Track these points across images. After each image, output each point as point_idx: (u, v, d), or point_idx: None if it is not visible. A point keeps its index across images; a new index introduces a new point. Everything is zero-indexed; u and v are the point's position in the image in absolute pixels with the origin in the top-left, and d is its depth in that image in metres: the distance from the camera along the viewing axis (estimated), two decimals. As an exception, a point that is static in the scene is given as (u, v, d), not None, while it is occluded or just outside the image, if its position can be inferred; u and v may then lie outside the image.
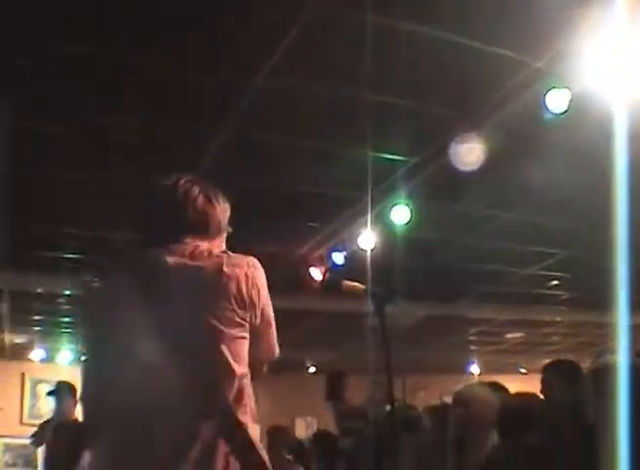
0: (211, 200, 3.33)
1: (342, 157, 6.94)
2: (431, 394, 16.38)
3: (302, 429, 16.79)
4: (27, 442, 10.11)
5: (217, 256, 3.14)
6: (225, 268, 3.04)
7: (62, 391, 9.48)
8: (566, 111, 5.69)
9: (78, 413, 9.06)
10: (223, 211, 3.38)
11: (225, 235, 3.40)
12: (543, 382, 6.05)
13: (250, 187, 7.29)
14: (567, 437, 4.38)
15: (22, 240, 8.91)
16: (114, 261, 3.14)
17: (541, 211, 8.23)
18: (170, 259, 3.09)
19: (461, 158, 6.66)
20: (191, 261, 3.08)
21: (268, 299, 3.15)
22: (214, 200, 3.34)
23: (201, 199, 3.30)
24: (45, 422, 9.70)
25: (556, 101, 5.69)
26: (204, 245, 3.21)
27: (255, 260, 3.18)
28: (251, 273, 3.10)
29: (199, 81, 5.64)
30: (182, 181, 3.34)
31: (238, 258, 3.14)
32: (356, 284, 3.65)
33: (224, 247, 3.36)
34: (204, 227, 3.28)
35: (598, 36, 5.06)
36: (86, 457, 8.78)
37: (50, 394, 9.74)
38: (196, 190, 3.32)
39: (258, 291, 3.09)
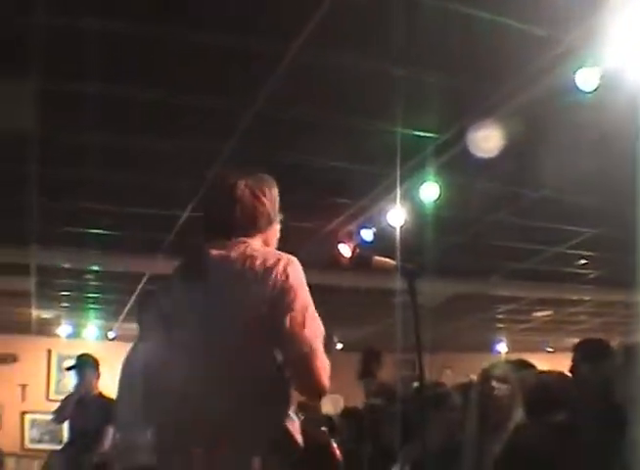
0: (259, 195, 3.41)
1: (371, 133, 6.91)
2: (458, 372, 16.36)
3: (329, 406, 16.76)
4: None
5: (253, 254, 3.20)
6: (258, 266, 3.13)
7: (83, 364, 9.27)
8: (595, 89, 5.65)
9: (101, 386, 9.11)
10: (272, 202, 3.47)
11: (277, 224, 3.51)
12: (573, 360, 6.03)
13: (279, 162, 7.29)
14: (595, 416, 4.36)
15: (48, 215, 8.98)
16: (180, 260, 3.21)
17: (570, 190, 8.18)
18: (217, 257, 3.23)
19: (490, 135, 6.63)
20: (234, 260, 3.19)
21: (302, 295, 3.15)
22: (262, 194, 3.43)
23: (248, 196, 3.39)
24: (67, 397, 9.40)
25: (586, 79, 5.64)
26: (251, 241, 3.32)
27: (293, 259, 3.23)
28: (286, 271, 3.14)
29: (230, 54, 5.63)
30: (231, 179, 3.43)
31: (274, 255, 3.22)
32: (386, 260, 3.64)
33: (277, 235, 3.51)
34: (252, 223, 3.38)
35: (628, 13, 5.02)
36: (110, 433, 8.80)
37: (71, 368, 9.47)
38: (244, 187, 3.40)
39: (292, 288, 3.12)
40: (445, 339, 15.44)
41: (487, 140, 6.69)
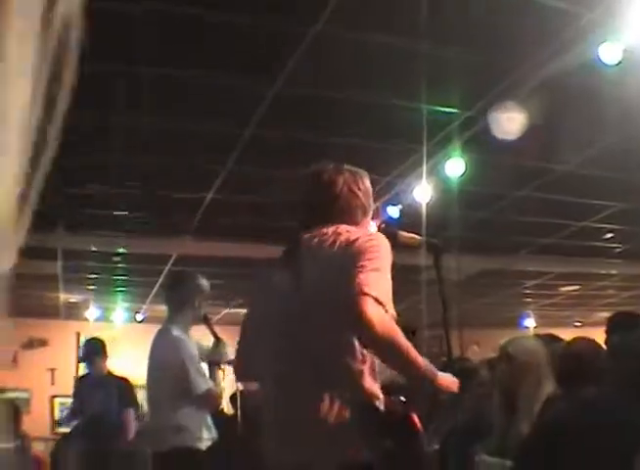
0: (355, 190, 3.54)
1: (396, 110, 6.91)
2: (484, 348, 16.36)
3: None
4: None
5: (343, 233, 3.33)
6: (345, 242, 3.27)
7: (90, 346, 9.42)
8: (618, 63, 5.64)
9: (127, 369, 9.15)
10: (366, 194, 3.60)
11: (370, 214, 3.61)
12: (607, 334, 6.03)
13: (303, 139, 7.32)
14: (628, 388, 4.35)
15: (74, 199, 9.01)
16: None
17: (596, 164, 8.15)
18: (311, 245, 3.37)
19: (514, 110, 6.62)
20: (328, 248, 3.31)
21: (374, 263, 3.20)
22: (357, 188, 3.55)
23: (346, 192, 3.52)
24: (80, 378, 9.73)
25: (609, 53, 5.63)
26: (346, 229, 3.39)
27: (377, 235, 3.38)
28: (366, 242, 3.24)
29: (254, 30, 5.64)
30: (330, 176, 3.56)
31: (360, 231, 3.36)
32: (412, 235, 3.67)
33: (369, 224, 3.62)
34: (350, 216, 3.50)
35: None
36: (132, 416, 8.83)
37: (82, 360, 9.76)
38: (342, 184, 3.52)
39: (363, 254, 3.18)
40: (472, 315, 15.42)
41: (512, 115, 6.68)
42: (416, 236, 3.66)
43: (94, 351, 9.23)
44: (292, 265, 3.38)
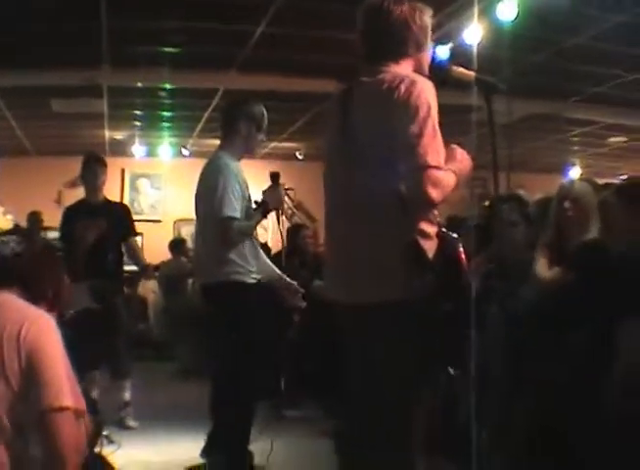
0: (409, 20, 3.57)
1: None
2: (530, 191, 16.34)
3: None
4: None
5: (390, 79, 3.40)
6: (390, 89, 3.35)
7: (94, 162, 8.46)
8: None
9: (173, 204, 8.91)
10: (422, 29, 3.63)
11: (425, 50, 3.68)
12: None
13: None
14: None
15: (118, 36, 8.92)
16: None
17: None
18: (365, 83, 3.53)
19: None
20: (376, 85, 3.42)
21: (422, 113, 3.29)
22: (412, 19, 3.58)
23: (399, 19, 3.55)
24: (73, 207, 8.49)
25: None
26: (399, 66, 3.52)
27: (420, 80, 3.40)
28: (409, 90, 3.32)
29: None
30: (385, 2, 3.57)
31: (404, 78, 3.39)
32: (465, 71, 3.64)
33: (428, 60, 3.70)
34: (401, 45, 3.57)
35: None
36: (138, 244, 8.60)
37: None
38: (396, 10, 3.55)
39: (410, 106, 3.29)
40: (518, 159, 15.37)
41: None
42: (468, 71, 3.63)
43: (100, 163, 8.46)
44: (347, 110, 3.50)
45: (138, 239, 8.65)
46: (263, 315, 5.73)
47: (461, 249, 3.42)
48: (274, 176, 5.90)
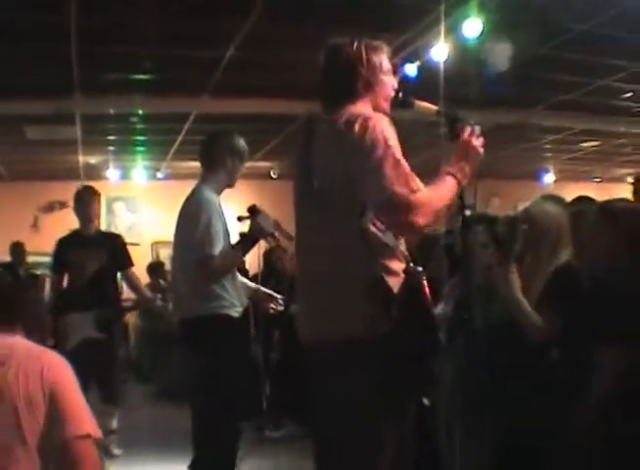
0: (356, 61, 3.59)
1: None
2: (505, 200, 16.46)
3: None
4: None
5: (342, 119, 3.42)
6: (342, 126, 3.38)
7: (89, 195, 8.56)
8: None
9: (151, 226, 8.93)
10: (371, 68, 3.61)
11: (383, 86, 3.65)
12: (635, 192, 6.07)
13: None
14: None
15: (89, 63, 8.97)
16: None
17: (616, 24, 8.04)
18: (322, 124, 3.56)
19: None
20: (330, 126, 3.46)
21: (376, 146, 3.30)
22: (359, 60, 3.59)
23: (347, 62, 3.59)
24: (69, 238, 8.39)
25: None
26: (355, 106, 3.52)
27: (370, 117, 3.40)
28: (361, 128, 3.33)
29: None
30: (335, 45, 3.65)
31: (356, 116, 3.39)
32: (428, 105, 3.69)
33: (386, 96, 3.67)
34: (350, 87, 3.57)
35: None
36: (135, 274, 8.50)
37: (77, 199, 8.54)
38: (344, 52, 3.60)
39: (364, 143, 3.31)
40: (492, 167, 15.51)
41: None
42: (432, 106, 3.69)
43: (95, 195, 8.56)
44: (307, 152, 3.54)
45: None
46: (246, 346, 5.76)
47: (424, 282, 3.46)
48: (252, 210, 5.70)
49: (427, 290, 3.42)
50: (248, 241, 5.60)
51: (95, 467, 3.08)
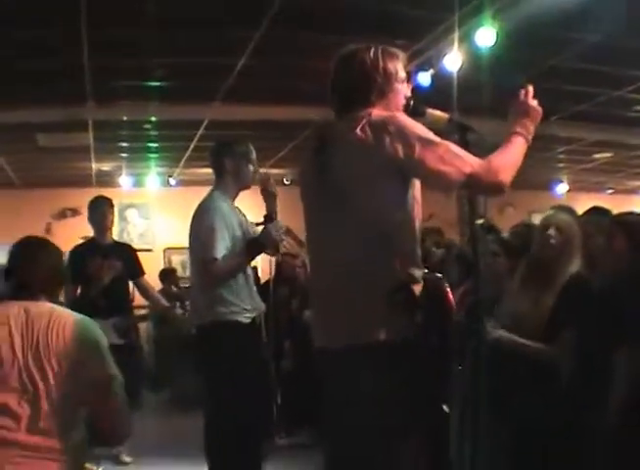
0: (370, 67, 3.58)
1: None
2: (519, 210, 16.42)
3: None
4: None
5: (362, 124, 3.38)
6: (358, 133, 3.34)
7: (101, 205, 8.65)
8: None
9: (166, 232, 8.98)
10: (386, 75, 3.59)
11: (391, 95, 3.61)
12: None
13: (336, 5, 7.27)
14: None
15: (102, 72, 9.01)
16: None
17: (629, 35, 8.02)
18: (338, 130, 3.51)
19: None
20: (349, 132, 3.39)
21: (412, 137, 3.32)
22: (374, 66, 3.58)
23: (362, 67, 3.57)
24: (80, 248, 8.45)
25: None
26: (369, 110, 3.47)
27: (392, 116, 3.42)
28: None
29: None
30: (350, 51, 3.64)
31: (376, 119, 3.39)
32: (440, 113, 3.68)
33: (399, 99, 3.65)
34: (364, 93, 3.54)
35: None
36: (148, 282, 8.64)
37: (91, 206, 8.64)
38: (358, 58, 3.59)
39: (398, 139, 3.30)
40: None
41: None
42: (443, 114, 3.67)
43: (107, 205, 8.66)
44: (322, 160, 3.50)
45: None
46: (257, 353, 5.76)
47: (447, 288, 3.45)
48: (265, 217, 5.92)
49: (450, 297, 3.41)
50: (253, 247, 5.73)
51: None
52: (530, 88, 3.67)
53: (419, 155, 3.26)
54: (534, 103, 3.65)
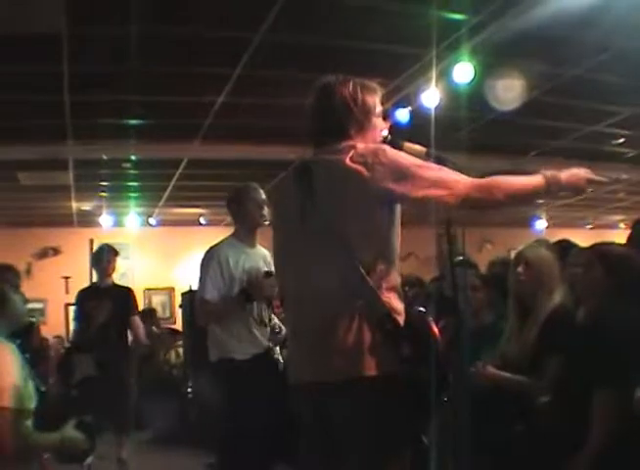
0: (348, 100, 3.54)
1: (407, 13, 6.86)
2: (497, 247, 16.45)
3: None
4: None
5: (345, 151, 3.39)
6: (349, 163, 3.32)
7: (105, 251, 9.19)
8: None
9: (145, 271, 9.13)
10: (362, 108, 3.56)
11: (374, 124, 3.61)
12: (631, 236, 6.08)
13: (315, 44, 7.32)
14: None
15: (81, 110, 9.02)
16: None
17: (608, 69, 8.09)
18: (317, 159, 3.50)
19: (523, 15, 6.57)
20: (331, 164, 3.40)
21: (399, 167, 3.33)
22: (352, 100, 3.54)
23: (338, 101, 3.53)
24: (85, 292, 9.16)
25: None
26: (350, 142, 3.46)
27: (378, 147, 3.42)
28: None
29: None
30: (326, 84, 3.60)
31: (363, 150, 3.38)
32: (416, 146, 3.68)
33: (378, 133, 3.63)
34: (341, 127, 3.52)
35: None
36: (139, 322, 9.12)
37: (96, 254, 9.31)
38: (335, 91, 3.55)
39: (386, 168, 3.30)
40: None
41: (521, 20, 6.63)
42: (420, 147, 3.67)
43: (111, 251, 9.27)
44: (304, 195, 3.45)
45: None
46: (257, 389, 5.80)
47: (431, 322, 3.43)
48: (264, 273, 5.97)
49: (435, 329, 3.39)
50: (243, 297, 5.88)
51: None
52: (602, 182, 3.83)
53: (414, 182, 3.28)
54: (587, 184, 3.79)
